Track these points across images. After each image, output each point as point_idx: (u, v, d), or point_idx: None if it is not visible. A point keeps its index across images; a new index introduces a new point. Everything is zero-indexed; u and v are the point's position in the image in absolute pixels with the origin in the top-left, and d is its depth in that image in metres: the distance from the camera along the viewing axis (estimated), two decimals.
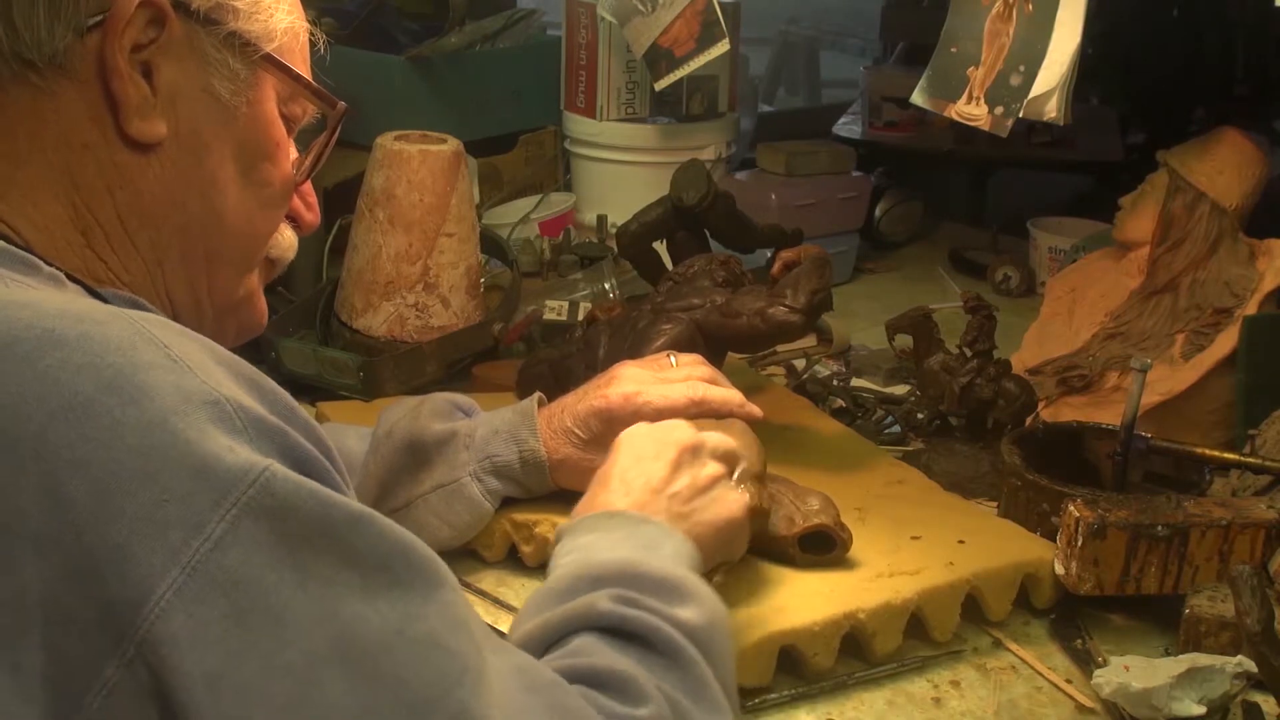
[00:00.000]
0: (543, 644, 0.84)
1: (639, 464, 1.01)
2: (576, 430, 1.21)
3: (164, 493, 0.64)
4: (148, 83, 0.82)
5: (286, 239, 0.98)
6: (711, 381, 1.21)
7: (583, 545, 0.94)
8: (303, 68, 0.93)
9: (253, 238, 0.92)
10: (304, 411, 0.74)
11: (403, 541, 0.70)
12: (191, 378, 0.68)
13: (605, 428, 1.18)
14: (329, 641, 0.65)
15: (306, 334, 1.69)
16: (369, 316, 1.63)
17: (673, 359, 1.24)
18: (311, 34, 0.94)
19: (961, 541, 1.20)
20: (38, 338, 0.67)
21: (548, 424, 1.22)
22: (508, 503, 1.24)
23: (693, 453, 1.03)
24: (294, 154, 0.95)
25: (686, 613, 0.86)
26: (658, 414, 1.16)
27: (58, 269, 0.79)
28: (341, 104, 0.94)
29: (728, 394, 1.20)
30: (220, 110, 0.86)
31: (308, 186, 0.99)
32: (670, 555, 0.93)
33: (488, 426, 1.23)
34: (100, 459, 0.64)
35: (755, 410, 1.20)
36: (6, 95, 0.80)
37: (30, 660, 0.63)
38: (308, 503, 0.66)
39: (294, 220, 0.98)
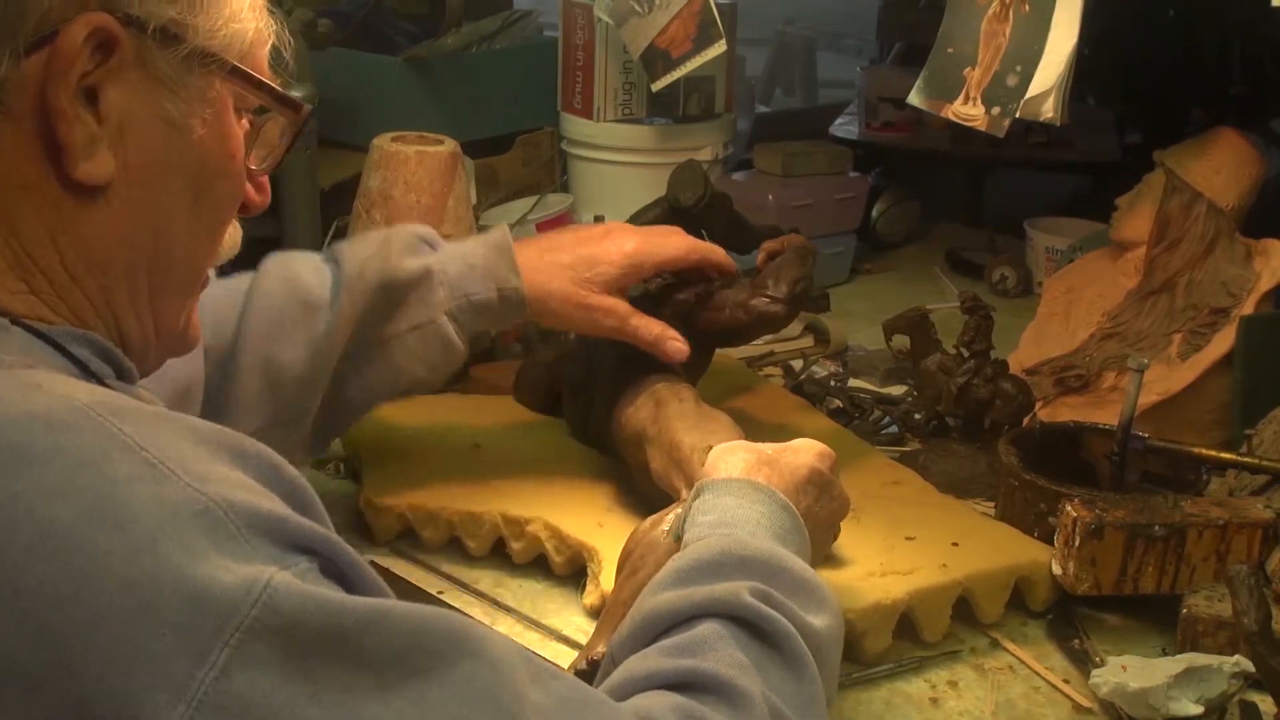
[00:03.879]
0: (679, 617, 0.85)
1: (779, 456, 1.05)
2: (576, 267, 1.25)
3: (161, 625, 0.60)
4: (93, 110, 0.73)
5: (229, 242, 0.89)
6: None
7: (725, 508, 0.97)
8: (265, 63, 0.84)
9: (200, 264, 0.85)
10: (288, 467, 0.71)
11: (418, 626, 0.66)
12: (174, 484, 0.63)
13: (612, 269, 1.26)
14: None
15: None
16: None
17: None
18: (277, 34, 0.85)
19: (956, 543, 1.20)
20: (3, 456, 0.62)
21: (538, 258, 1.24)
22: (499, 496, 1.25)
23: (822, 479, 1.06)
24: (245, 126, 0.85)
25: (818, 620, 0.88)
26: (659, 266, 1.29)
27: (2, 312, 0.73)
28: (306, 107, 0.85)
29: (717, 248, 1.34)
30: (174, 134, 0.77)
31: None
32: (797, 550, 0.96)
33: (461, 262, 1.23)
34: (88, 594, 0.60)
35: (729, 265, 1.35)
36: None
37: None
38: (315, 615, 0.62)
39: (242, 207, 0.87)
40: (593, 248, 1.27)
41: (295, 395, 1.19)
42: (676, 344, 1.28)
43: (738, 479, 1.00)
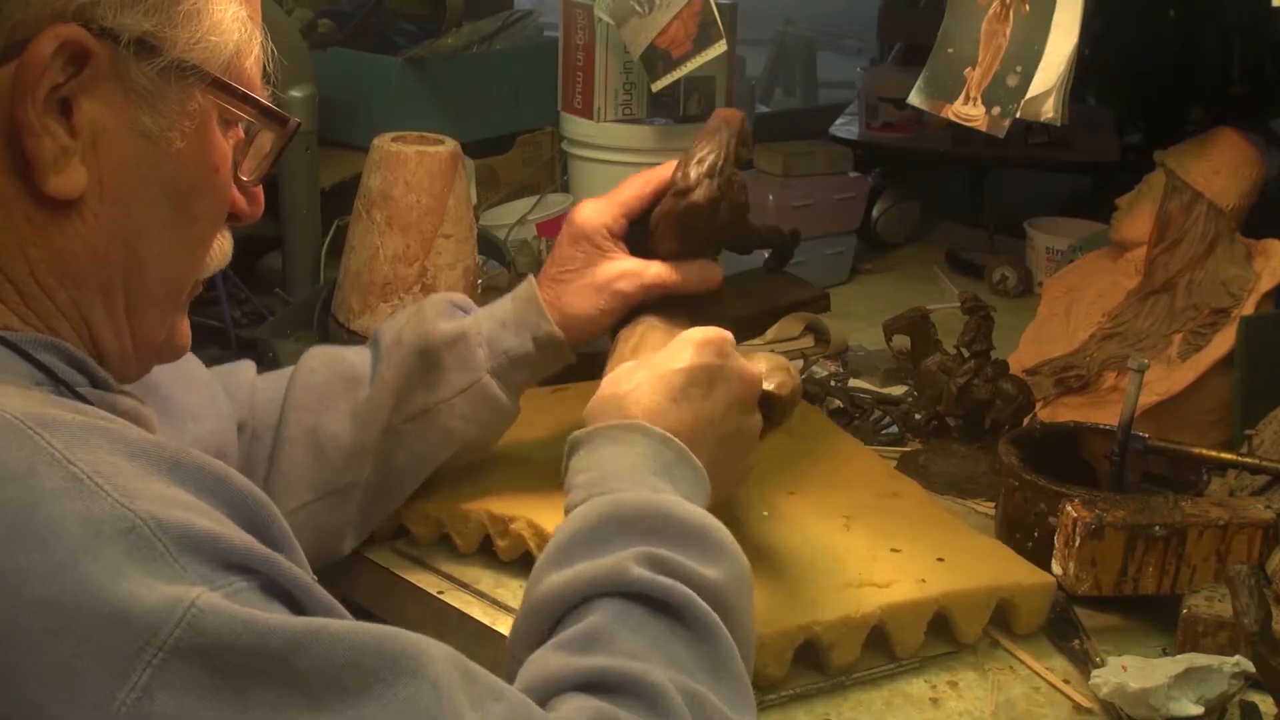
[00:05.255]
0: (568, 602, 0.82)
1: (651, 371, 1.00)
2: (565, 262, 1.21)
3: (81, 644, 0.59)
4: (65, 122, 0.72)
5: (219, 253, 0.87)
6: None
7: (599, 461, 0.93)
8: (254, 74, 0.82)
9: (180, 280, 0.83)
10: (239, 478, 0.69)
11: (355, 645, 0.64)
12: (102, 500, 0.62)
13: (586, 241, 1.21)
14: None
15: (304, 336, 1.69)
16: (366, 318, 1.63)
17: None
18: (262, 46, 0.83)
19: (940, 559, 1.18)
20: None
21: (547, 289, 1.22)
22: (486, 495, 1.25)
23: (713, 374, 1.00)
24: (239, 136, 0.84)
25: (714, 572, 0.85)
26: (624, 206, 1.21)
27: None
28: (294, 121, 0.83)
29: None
30: (150, 147, 0.76)
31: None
32: (687, 482, 0.92)
33: (493, 320, 1.22)
34: (6, 613, 0.59)
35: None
36: None
37: None
38: (241, 635, 0.61)
39: (232, 216, 0.86)
40: (563, 235, 1.23)
41: (342, 466, 1.19)
42: (714, 268, 1.23)
43: (608, 425, 0.95)
